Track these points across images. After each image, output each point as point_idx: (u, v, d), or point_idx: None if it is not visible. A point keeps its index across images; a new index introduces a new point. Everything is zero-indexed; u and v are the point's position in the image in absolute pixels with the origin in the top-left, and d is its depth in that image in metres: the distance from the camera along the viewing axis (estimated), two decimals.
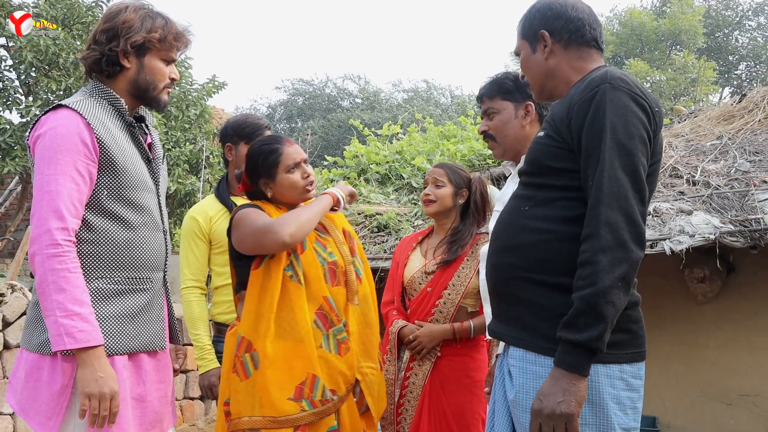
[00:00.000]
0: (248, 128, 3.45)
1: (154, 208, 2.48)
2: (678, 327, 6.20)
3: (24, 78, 8.85)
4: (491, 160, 7.40)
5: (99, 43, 2.38)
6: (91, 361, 2.16)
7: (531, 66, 2.29)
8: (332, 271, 2.87)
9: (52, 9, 8.76)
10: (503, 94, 2.82)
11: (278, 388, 2.69)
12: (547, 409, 1.88)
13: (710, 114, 7.62)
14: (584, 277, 1.89)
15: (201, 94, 10.25)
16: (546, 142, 2.11)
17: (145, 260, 2.41)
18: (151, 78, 2.43)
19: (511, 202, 2.24)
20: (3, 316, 5.24)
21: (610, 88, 1.98)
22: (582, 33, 2.21)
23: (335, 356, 2.82)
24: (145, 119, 2.56)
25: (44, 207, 2.18)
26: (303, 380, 2.73)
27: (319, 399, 2.73)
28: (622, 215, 1.90)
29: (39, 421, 2.25)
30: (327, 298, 2.83)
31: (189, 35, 2.51)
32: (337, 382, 2.80)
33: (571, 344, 1.88)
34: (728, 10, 24.84)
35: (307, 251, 2.85)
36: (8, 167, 8.38)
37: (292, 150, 2.92)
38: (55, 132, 2.23)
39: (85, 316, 2.16)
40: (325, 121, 26.87)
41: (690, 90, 20.63)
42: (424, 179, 3.56)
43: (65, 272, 2.16)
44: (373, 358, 2.91)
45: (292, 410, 2.69)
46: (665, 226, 5.20)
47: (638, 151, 1.95)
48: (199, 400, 6.95)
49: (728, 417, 5.95)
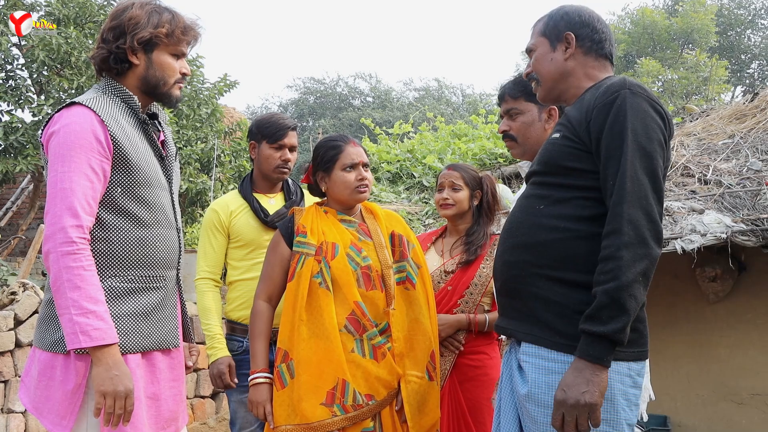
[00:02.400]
0: (270, 128, 3.48)
1: (168, 205, 2.48)
2: (689, 326, 6.18)
3: (36, 77, 8.88)
4: (502, 159, 7.39)
5: (107, 42, 2.38)
6: (106, 359, 2.15)
7: (547, 63, 2.34)
8: (366, 275, 2.88)
9: (65, 8, 8.79)
10: (528, 96, 2.80)
11: (311, 393, 2.74)
12: (572, 399, 1.93)
13: (722, 113, 7.57)
14: (607, 271, 1.95)
15: (212, 93, 10.27)
16: (563, 143, 2.16)
17: (159, 258, 2.41)
18: (161, 73, 2.42)
19: (524, 202, 2.28)
20: (15, 315, 5.27)
21: (630, 93, 2.06)
22: (602, 45, 2.31)
23: (371, 361, 2.82)
24: (158, 116, 2.56)
25: (58, 204, 2.18)
26: (334, 385, 2.75)
27: (351, 404, 2.75)
28: (643, 214, 1.98)
29: (52, 420, 2.25)
30: (359, 303, 2.84)
31: (197, 28, 2.50)
32: (374, 387, 2.81)
33: (595, 336, 1.94)
34: (741, 8, 24.69)
35: (339, 257, 2.87)
36: (20, 166, 8.41)
37: (354, 150, 2.97)
38: (68, 129, 2.23)
39: (100, 314, 2.16)
40: (336, 120, 26.86)
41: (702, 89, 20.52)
42: (439, 182, 3.57)
43: (80, 270, 2.15)
44: (419, 366, 2.87)
45: (323, 416, 2.73)
46: (677, 225, 5.18)
47: (657, 153, 2.04)
48: (210, 398, 6.97)
49: (740, 416, 5.92)
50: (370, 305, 2.85)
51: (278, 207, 3.49)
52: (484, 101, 27.59)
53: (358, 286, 2.85)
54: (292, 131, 3.51)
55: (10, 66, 8.94)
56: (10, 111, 8.80)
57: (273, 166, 3.48)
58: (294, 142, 3.50)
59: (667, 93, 20.22)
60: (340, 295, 2.84)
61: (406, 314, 2.91)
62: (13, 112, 8.78)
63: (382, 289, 2.89)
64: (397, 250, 2.97)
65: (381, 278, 2.89)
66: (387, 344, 2.85)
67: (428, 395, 2.88)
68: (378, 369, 2.81)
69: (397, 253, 2.97)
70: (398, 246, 2.98)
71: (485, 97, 28.81)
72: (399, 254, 2.97)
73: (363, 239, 2.96)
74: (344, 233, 2.96)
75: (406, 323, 2.90)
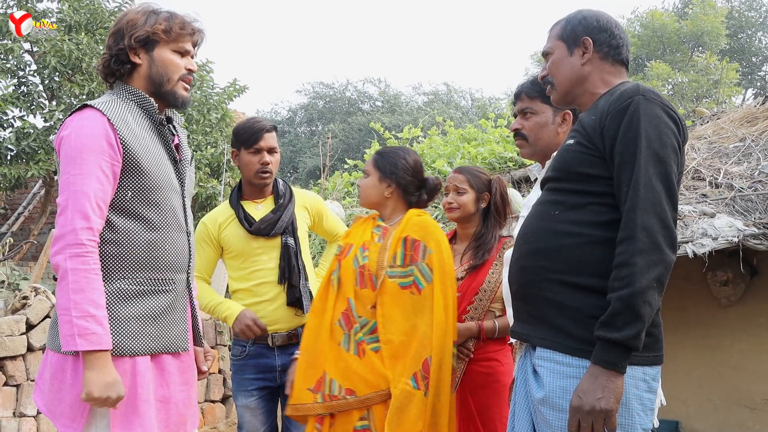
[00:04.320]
0: (245, 133, 3.45)
1: (179, 209, 2.49)
2: (701, 330, 6.15)
3: (48, 83, 8.92)
4: (512, 163, 7.36)
5: (109, 48, 2.43)
6: (99, 364, 2.17)
7: (563, 67, 2.35)
8: (361, 273, 2.99)
9: (76, 14, 8.83)
10: (544, 97, 2.79)
11: (302, 378, 2.99)
12: (587, 406, 1.95)
13: (733, 116, 7.53)
14: (621, 278, 1.97)
15: (222, 98, 10.28)
16: (577, 149, 2.17)
17: (168, 261, 2.42)
18: (164, 70, 2.44)
19: (539, 208, 2.29)
20: (27, 319, 5.29)
21: (643, 99, 2.07)
22: (620, 51, 2.34)
23: (354, 357, 2.92)
24: (173, 120, 2.58)
25: (70, 207, 2.20)
26: (321, 375, 2.94)
27: (328, 394, 2.91)
28: (657, 220, 1.99)
29: (64, 423, 2.26)
30: (349, 300, 2.98)
31: (196, 23, 2.52)
32: (354, 382, 2.88)
33: (610, 342, 1.95)
34: (751, 10, 24.60)
35: (348, 257, 3.07)
36: (32, 171, 8.45)
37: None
38: (79, 132, 2.25)
39: (99, 319, 2.18)
40: (345, 125, 26.87)
41: (712, 92, 20.47)
42: (446, 186, 3.55)
43: (86, 273, 2.17)
44: (407, 373, 2.85)
45: (307, 399, 2.95)
46: (688, 229, 5.15)
47: (671, 159, 2.05)
48: (221, 403, 6.98)
49: (752, 421, 5.89)
50: (359, 302, 2.98)
51: (265, 212, 3.47)
52: (493, 105, 27.56)
53: (355, 284, 3.00)
54: (268, 132, 3.46)
55: (22, 72, 8.97)
56: (22, 117, 8.84)
57: (253, 172, 3.45)
58: (272, 143, 3.45)
59: (677, 96, 20.16)
60: (341, 292, 3.03)
61: (405, 319, 2.91)
62: (25, 117, 8.82)
63: (373, 288, 2.95)
64: (407, 255, 2.98)
65: (372, 278, 2.96)
66: (375, 343, 2.91)
67: (410, 404, 2.81)
68: (359, 365, 2.90)
69: (407, 258, 2.98)
70: (409, 250, 2.99)
71: (494, 101, 28.77)
72: (409, 258, 2.97)
73: (377, 242, 3.04)
74: (365, 236, 3.10)
75: (402, 327, 2.90)
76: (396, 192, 3.15)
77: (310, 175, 22.60)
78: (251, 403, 3.44)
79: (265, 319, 3.39)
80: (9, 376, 5.15)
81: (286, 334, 3.42)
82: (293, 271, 3.41)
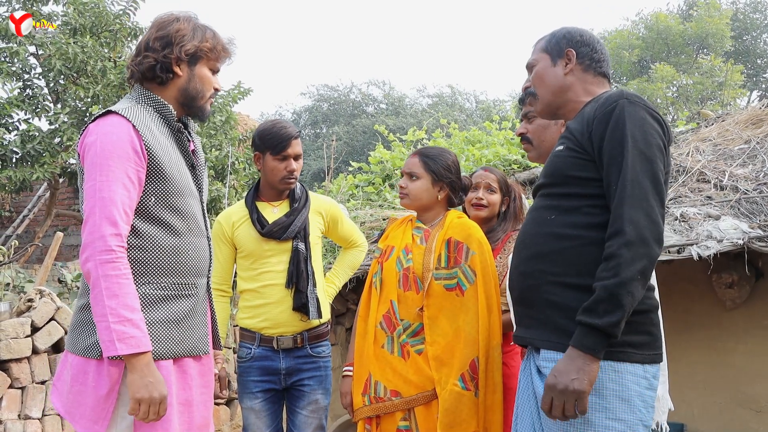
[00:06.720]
0: (273, 139, 3.45)
1: (198, 213, 2.52)
2: (706, 333, 6.13)
3: (53, 85, 8.94)
4: (516, 166, 7.37)
5: (153, 50, 2.43)
6: (141, 366, 2.19)
7: (547, 77, 2.45)
8: (405, 276, 3.02)
9: (81, 17, 8.85)
10: None
11: (357, 383, 3.06)
12: (561, 385, 2.03)
13: (738, 118, 7.53)
14: (609, 269, 2.04)
15: (226, 101, 10.28)
16: (567, 154, 2.26)
17: (191, 266, 2.45)
18: (201, 86, 2.49)
19: (534, 213, 2.36)
20: (32, 322, 5.29)
21: (628, 103, 2.17)
22: (601, 65, 2.44)
23: (398, 359, 2.96)
24: (188, 126, 2.60)
25: (97, 213, 2.22)
26: (367, 377, 3.00)
27: (374, 396, 2.97)
28: (644, 214, 2.07)
29: (84, 424, 2.28)
30: (392, 302, 3.01)
31: (233, 47, 2.60)
32: (399, 384, 2.93)
33: (590, 328, 2.03)
34: (756, 12, 24.57)
35: (390, 259, 3.10)
36: (37, 174, 8.46)
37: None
38: (105, 138, 2.27)
39: (136, 322, 2.20)
40: (350, 127, 26.89)
41: (717, 94, 20.44)
42: (474, 182, 3.50)
43: (118, 278, 2.20)
44: (454, 374, 2.87)
45: (359, 403, 3.02)
46: (692, 231, 5.14)
47: (657, 158, 2.14)
48: (225, 405, 6.98)
49: (758, 424, 5.87)
50: (403, 305, 2.99)
51: (280, 215, 3.48)
52: (497, 107, 27.54)
53: (398, 287, 3.01)
54: (295, 140, 3.47)
55: (27, 75, 9.00)
56: (27, 120, 8.86)
57: (279, 178, 3.46)
58: (298, 150, 3.47)
59: (681, 98, 20.15)
60: (383, 294, 3.05)
61: (450, 321, 2.94)
62: (30, 120, 8.84)
63: (418, 291, 2.97)
64: (451, 257, 3.01)
65: (417, 281, 2.98)
66: (419, 345, 2.94)
67: (460, 404, 2.86)
68: (404, 367, 2.94)
69: (451, 260, 3.00)
70: (453, 252, 3.01)
71: (499, 104, 28.78)
72: (453, 261, 3.00)
73: (420, 244, 3.06)
74: (406, 238, 3.12)
75: (448, 330, 2.93)
76: (446, 195, 3.18)
77: (314, 178, 22.60)
78: (256, 406, 3.45)
79: (270, 322, 3.41)
80: (14, 379, 5.15)
81: (291, 337, 3.43)
82: (301, 276, 3.41)
